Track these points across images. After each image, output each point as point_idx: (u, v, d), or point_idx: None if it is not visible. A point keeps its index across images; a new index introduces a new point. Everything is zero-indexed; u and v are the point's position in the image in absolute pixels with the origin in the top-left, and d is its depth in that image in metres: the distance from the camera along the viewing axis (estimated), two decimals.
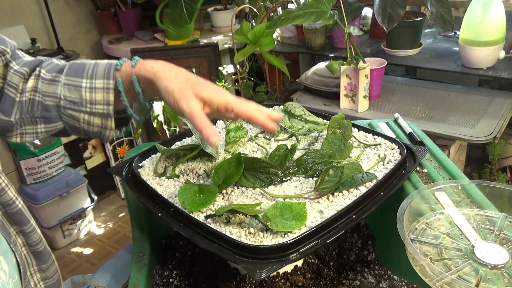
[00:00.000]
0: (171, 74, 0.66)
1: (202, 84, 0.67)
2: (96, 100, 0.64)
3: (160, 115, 1.75)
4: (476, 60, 1.55)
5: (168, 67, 0.67)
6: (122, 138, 2.60)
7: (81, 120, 0.65)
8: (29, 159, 2.11)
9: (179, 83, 0.65)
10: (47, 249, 0.72)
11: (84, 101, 0.64)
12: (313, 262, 0.81)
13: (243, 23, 1.45)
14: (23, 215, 0.67)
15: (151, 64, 0.67)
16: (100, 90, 0.64)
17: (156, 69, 0.66)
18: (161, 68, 0.67)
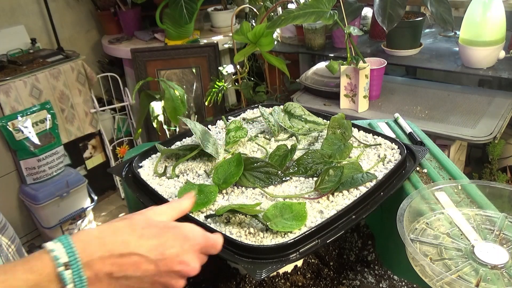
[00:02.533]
0: None
1: None
2: None
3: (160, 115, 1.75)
4: (476, 60, 1.55)
5: None
6: (122, 138, 2.60)
7: None
8: (29, 159, 2.11)
9: None
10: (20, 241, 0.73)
11: None
12: (313, 262, 0.81)
13: (243, 23, 1.45)
14: None
15: None
16: None
17: None
18: None
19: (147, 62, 2.28)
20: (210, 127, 1.03)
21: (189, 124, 0.88)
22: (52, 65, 2.12)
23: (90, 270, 0.46)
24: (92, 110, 2.38)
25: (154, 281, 0.50)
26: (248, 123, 1.04)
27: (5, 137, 2.04)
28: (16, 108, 2.05)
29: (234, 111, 1.09)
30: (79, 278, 0.45)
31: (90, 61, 2.60)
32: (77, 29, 2.56)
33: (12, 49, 2.15)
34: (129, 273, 0.48)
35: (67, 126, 2.29)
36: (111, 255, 0.47)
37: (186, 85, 2.35)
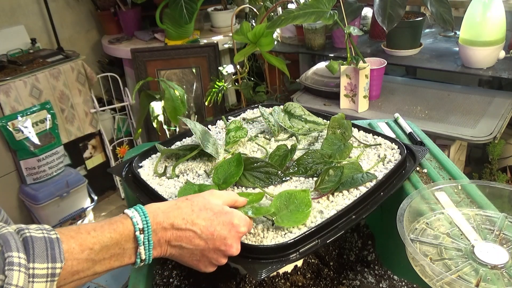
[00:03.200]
0: None
1: None
2: None
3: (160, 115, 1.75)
4: (476, 60, 1.55)
5: None
6: (122, 138, 2.60)
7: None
8: (29, 159, 2.11)
9: None
10: None
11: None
12: (313, 262, 0.81)
13: (243, 23, 1.45)
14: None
15: None
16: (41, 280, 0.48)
17: None
18: None
19: (147, 62, 2.28)
20: (210, 127, 1.03)
21: (189, 124, 0.88)
22: (52, 65, 2.12)
23: (156, 236, 0.59)
24: (92, 110, 2.38)
25: (203, 254, 0.62)
26: (248, 123, 1.04)
27: (5, 137, 2.04)
28: (16, 108, 2.05)
29: (234, 111, 1.09)
30: (148, 242, 0.59)
31: (90, 61, 2.60)
32: (77, 29, 2.56)
33: (12, 49, 2.15)
34: (183, 244, 0.61)
35: (67, 126, 2.29)
36: (172, 227, 0.60)
37: (186, 85, 2.35)
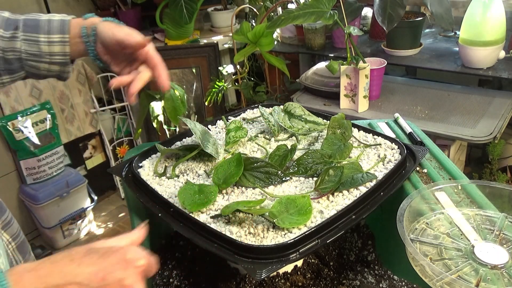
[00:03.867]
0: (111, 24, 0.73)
1: None
2: (54, 52, 0.71)
3: (160, 115, 1.75)
4: (476, 60, 1.55)
5: None
6: (122, 138, 2.60)
7: (41, 69, 0.73)
8: (29, 159, 2.11)
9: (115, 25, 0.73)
10: (25, 238, 0.74)
11: (43, 53, 0.71)
12: (313, 262, 0.81)
13: (243, 23, 1.45)
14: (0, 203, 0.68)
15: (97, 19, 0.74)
16: (58, 43, 0.71)
17: (97, 21, 0.74)
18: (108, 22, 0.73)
19: None
20: (210, 127, 1.03)
21: (189, 124, 0.88)
22: None
23: None
24: (92, 110, 2.38)
25: None
26: (248, 123, 1.04)
27: (5, 137, 2.05)
28: (16, 108, 2.05)
29: (234, 111, 1.09)
30: None
31: (90, 61, 2.60)
32: None
33: None
34: None
35: (67, 126, 2.29)
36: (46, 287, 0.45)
37: (186, 85, 2.35)
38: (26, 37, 0.70)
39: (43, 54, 0.71)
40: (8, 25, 0.71)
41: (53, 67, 0.73)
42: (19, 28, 0.71)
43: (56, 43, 0.71)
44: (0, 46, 0.70)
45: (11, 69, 0.71)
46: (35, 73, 0.73)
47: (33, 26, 0.71)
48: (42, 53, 0.71)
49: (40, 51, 0.71)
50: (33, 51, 0.70)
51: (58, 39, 0.71)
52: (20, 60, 0.71)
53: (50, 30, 0.71)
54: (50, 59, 0.71)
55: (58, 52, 0.72)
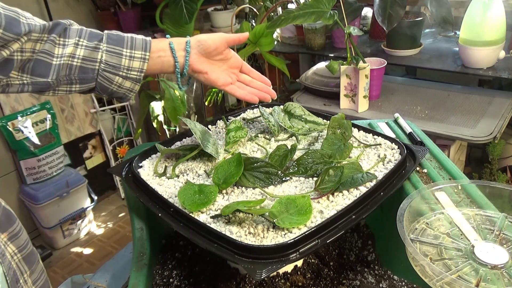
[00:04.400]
0: None
1: None
2: (132, 67, 0.76)
3: (160, 115, 1.75)
4: (476, 60, 1.55)
5: None
6: (122, 138, 2.60)
7: (114, 82, 0.76)
8: (29, 159, 2.11)
9: None
10: (34, 248, 0.74)
11: (122, 66, 0.75)
12: (313, 262, 0.81)
13: (243, 23, 1.45)
14: (10, 213, 0.68)
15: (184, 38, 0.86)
16: (138, 59, 0.76)
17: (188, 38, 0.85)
18: None
19: None
20: (210, 127, 1.03)
21: (189, 124, 0.88)
22: None
23: None
24: (92, 110, 2.38)
25: None
26: (248, 123, 1.04)
27: (5, 137, 2.05)
28: (16, 108, 2.05)
29: (234, 111, 1.09)
30: None
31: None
32: None
33: None
34: None
35: (67, 126, 2.29)
36: None
37: None
38: (110, 48, 0.74)
39: (122, 67, 0.74)
40: (92, 37, 0.74)
41: (126, 82, 0.76)
42: (103, 40, 0.74)
43: (137, 59, 0.75)
44: (80, 55, 0.72)
45: (85, 78, 0.74)
46: (106, 86, 0.75)
47: (117, 40, 0.75)
48: (121, 66, 0.74)
49: (120, 64, 0.74)
50: (113, 63, 0.74)
51: (140, 55, 0.76)
52: (96, 71, 0.74)
53: (134, 46, 0.76)
54: (126, 73, 0.75)
55: (136, 68, 0.76)
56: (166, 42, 0.80)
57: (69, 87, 0.74)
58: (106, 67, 0.73)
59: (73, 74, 0.72)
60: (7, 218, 0.69)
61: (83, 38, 0.73)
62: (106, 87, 0.75)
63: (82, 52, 0.72)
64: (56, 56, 0.70)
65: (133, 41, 0.76)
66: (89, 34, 0.74)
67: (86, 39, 0.73)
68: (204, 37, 0.83)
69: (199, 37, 0.83)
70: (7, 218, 0.69)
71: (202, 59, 0.83)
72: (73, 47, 0.72)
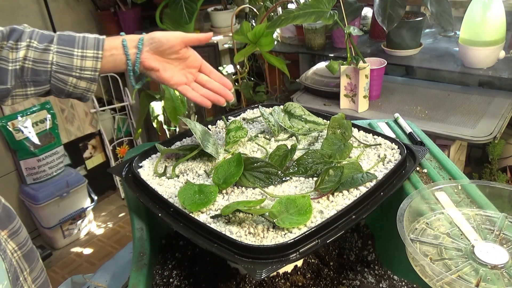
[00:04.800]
0: None
1: None
2: (85, 66, 0.74)
3: (160, 115, 1.75)
4: (476, 60, 1.55)
5: None
6: (122, 138, 2.60)
7: (68, 83, 0.74)
8: (29, 159, 2.11)
9: None
10: (33, 246, 0.74)
11: (74, 67, 0.73)
12: (313, 262, 0.81)
13: (243, 23, 1.45)
14: (9, 210, 0.68)
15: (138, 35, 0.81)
16: (90, 59, 0.74)
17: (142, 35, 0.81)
18: None
19: None
20: (210, 127, 1.03)
21: (189, 124, 0.88)
22: None
23: None
24: (92, 110, 2.38)
25: None
26: (248, 123, 1.04)
27: (5, 137, 2.05)
28: (16, 108, 2.05)
29: (234, 111, 1.09)
30: None
31: None
32: (77, 29, 2.54)
33: None
34: None
35: (67, 126, 2.29)
36: None
37: None
38: (60, 49, 0.73)
39: (74, 68, 0.73)
40: (43, 39, 0.73)
41: (81, 82, 0.75)
42: (53, 41, 0.73)
43: (89, 58, 0.74)
44: (31, 57, 0.71)
45: (38, 81, 0.73)
46: (61, 87, 0.74)
47: (68, 40, 0.74)
48: (73, 67, 0.73)
49: (72, 64, 0.73)
50: (64, 63, 0.72)
51: (92, 54, 0.74)
52: (47, 72, 0.73)
53: (85, 45, 0.74)
54: (80, 73, 0.74)
55: (89, 67, 0.74)
56: (119, 40, 0.78)
57: (24, 90, 0.73)
58: (58, 68, 0.72)
59: (26, 76, 0.72)
60: (7, 215, 0.69)
61: (34, 40, 0.72)
62: (62, 89, 0.74)
63: (32, 54, 0.71)
64: (11, 61, 0.70)
65: (85, 41, 0.74)
66: (40, 36, 0.73)
67: (37, 40, 0.72)
68: (159, 35, 0.80)
69: (153, 34, 0.80)
70: (7, 215, 0.69)
71: (154, 57, 0.81)
72: (25, 49, 0.71)
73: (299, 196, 0.72)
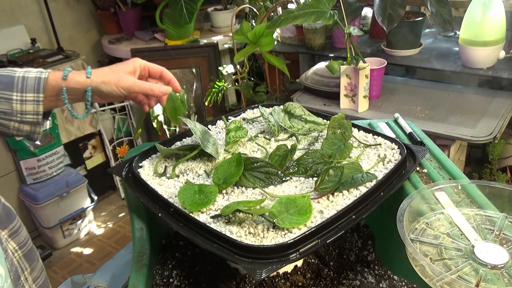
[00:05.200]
0: (101, 74, 0.75)
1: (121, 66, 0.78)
2: (26, 110, 0.69)
3: (160, 115, 1.75)
4: (476, 60, 1.55)
5: (98, 72, 0.76)
6: (122, 138, 2.60)
7: (11, 128, 0.70)
8: (29, 159, 2.11)
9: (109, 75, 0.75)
10: (33, 246, 0.74)
11: (14, 111, 0.69)
12: (313, 262, 0.81)
13: (243, 23, 1.45)
14: (9, 210, 0.68)
15: (82, 77, 0.74)
16: (31, 102, 0.69)
17: (89, 81, 0.74)
18: (94, 76, 0.75)
19: None
20: (210, 127, 1.03)
21: (189, 124, 0.88)
22: (52, 65, 2.12)
23: None
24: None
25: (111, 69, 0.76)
26: (248, 123, 1.04)
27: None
28: None
29: (234, 111, 1.09)
30: None
31: (90, 61, 2.60)
32: (77, 29, 2.56)
33: (12, 49, 2.15)
34: None
35: (67, 126, 2.29)
36: None
37: (186, 85, 2.35)
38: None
39: (15, 113, 0.69)
40: None
41: (24, 126, 0.71)
42: None
43: (29, 102, 0.69)
44: None
45: None
46: (4, 131, 0.71)
47: (6, 83, 0.69)
48: (14, 111, 0.69)
49: (12, 109, 0.68)
50: (3, 109, 0.68)
51: (32, 98, 0.69)
52: None
53: (24, 88, 0.69)
54: (21, 118, 0.69)
55: (30, 111, 0.70)
56: (60, 85, 0.72)
57: None
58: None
59: None
60: (7, 215, 0.69)
61: None
62: (5, 132, 0.71)
63: None
64: None
65: (24, 82, 0.69)
66: None
67: None
68: (105, 89, 0.75)
69: (100, 87, 0.75)
70: (7, 215, 0.69)
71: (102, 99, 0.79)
72: None
73: (299, 196, 0.72)
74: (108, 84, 0.75)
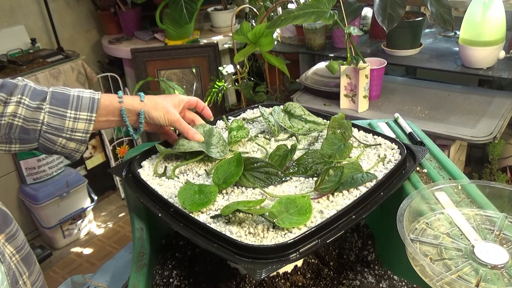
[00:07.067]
0: (153, 101, 0.82)
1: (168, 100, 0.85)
2: (77, 128, 0.73)
3: None
4: (476, 60, 1.55)
5: (150, 98, 0.82)
6: (122, 138, 2.60)
7: (57, 144, 0.73)
8: (29, 159, 2.11)
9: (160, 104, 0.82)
10: (30, 249, 0.74)
11: (65, 128, 0.72)
12: (313, 262, 0.81)
13: (243, 23, 1.45)
14: (6, 214, 0.68)
15: (136, 101, 0.80)
16: (83, 121, 0.73)
17: (142, 105, 0.80)
18: (147, 101, 0.81)
19: (147, 62, 2.28)
20: None
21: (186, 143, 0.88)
22: (52, 65, 2.12)
23: None
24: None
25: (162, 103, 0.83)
26: (248, 123, 1.04)
27: None
28: None
29: (234, 111, 1.09)
30: None
31: (90, 61, 2.60)
32: (77, 29, 2.56)
33: (12, 49, 2.16)
34: None
35: None
36: None
37: (186, 85, 2.35)
38: (52, 110, 0.71)
39: (65, 129, 0.71)
40: (35, 95, 0.70)
41: (70, 144, 0.73)
42: (46, 99, 0.71)
43: (82, 121, 0.72)
44: (22, 114, 0.69)
45: (26, 139, 0.71)
46: (49, 147, 0.72)
47: (61, 99, 0.71)
48: (64, 128, 0.71)
49: (63, 125, 0.71)
50: (55, 124, 0.70)
51: (85, 116, 0.72)
52: (38, 131, 0.71)
53: (79, 107, 0.72)
54: (70, 135, 0.72)
55: (80, 129, 0.72)
56: (117, 106, 0.77)
57: (8, 146, 0.71)
58: (48, 128, 0.70)
59: (13, 133, 0.69)
60: (3, 219, 0.69)
61: (25, 96, 0.69)
62: (49, 148, 0.72)
63: (24, 111, 0.69)
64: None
65: (79, 101, 0.72)
66: (32, 92, 0.70)
67: (29, 97, 0.70)
68: (155, 115, 0.81)
69: (150, 113, 0.81)
70: (4, 219, 0.69)
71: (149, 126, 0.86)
72: (15, 105, 0.68)
73: (299, 196, 0.72)
74: (159, 111, 0.80)
